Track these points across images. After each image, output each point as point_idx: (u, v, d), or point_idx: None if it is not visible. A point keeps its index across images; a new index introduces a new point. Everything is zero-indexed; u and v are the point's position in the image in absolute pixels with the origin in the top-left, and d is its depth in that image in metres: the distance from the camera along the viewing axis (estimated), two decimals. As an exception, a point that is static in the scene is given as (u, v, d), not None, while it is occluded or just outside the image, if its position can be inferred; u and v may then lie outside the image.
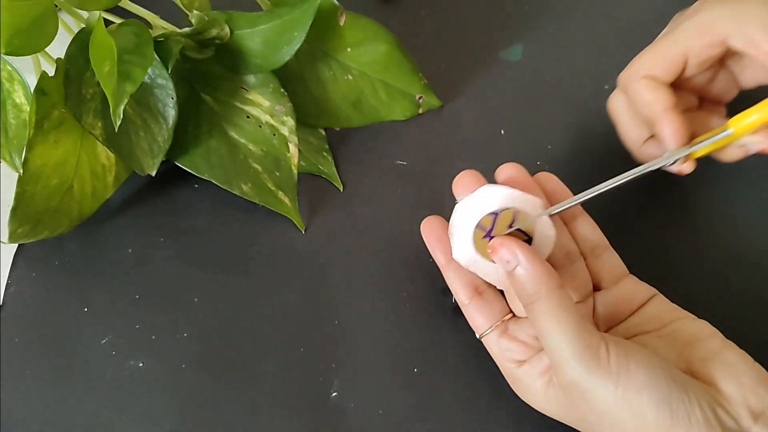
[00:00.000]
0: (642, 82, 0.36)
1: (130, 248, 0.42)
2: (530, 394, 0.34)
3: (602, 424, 0.30)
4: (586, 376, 0.29)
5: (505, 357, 0.35)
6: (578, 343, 0.30)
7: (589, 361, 0.29)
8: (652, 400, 0.29)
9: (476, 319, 0.36)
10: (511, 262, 0.31)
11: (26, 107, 0.39)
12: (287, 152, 0.42)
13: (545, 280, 0.31)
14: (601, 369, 0.29)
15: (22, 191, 0.38)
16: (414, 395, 0.38)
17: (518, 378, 0.34)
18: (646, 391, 0.29)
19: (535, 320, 0.31)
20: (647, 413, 0.29)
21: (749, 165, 0.38)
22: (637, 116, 0.38)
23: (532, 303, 0.31)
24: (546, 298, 0.31)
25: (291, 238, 0.42)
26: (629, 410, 0.29)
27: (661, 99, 0.35)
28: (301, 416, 0.37)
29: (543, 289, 0.31)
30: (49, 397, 0.38)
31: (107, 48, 0.35)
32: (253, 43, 0.40)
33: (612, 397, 0.29)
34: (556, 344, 0.30)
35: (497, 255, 0.32)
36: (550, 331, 0.30)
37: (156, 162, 0.40)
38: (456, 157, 0.45)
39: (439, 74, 0.47)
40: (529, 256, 0.31)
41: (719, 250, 0.41)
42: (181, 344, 0.39)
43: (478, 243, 0.33)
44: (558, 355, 0.30)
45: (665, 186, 0.43)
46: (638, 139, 0.39)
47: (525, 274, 0.31)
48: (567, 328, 0.30)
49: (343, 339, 0.39)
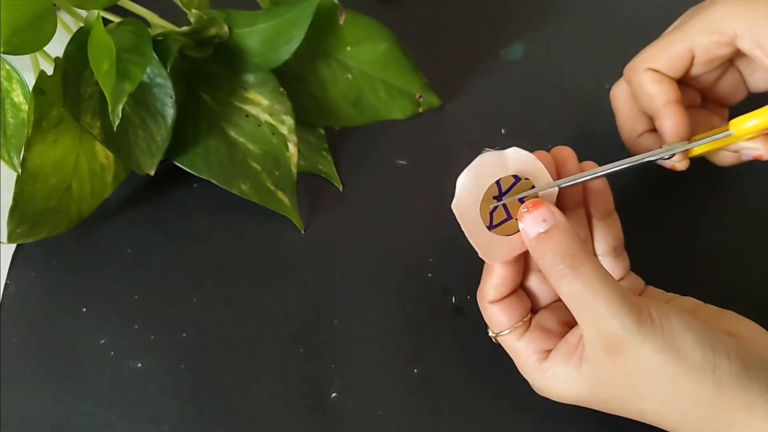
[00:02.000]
0: (646, 75, 0.35)
1: (129, 248, 0.42)
2: (556, 383, 0.33)
3: (637, 387, 0.30)
4: (636, 330, 0.29)
5: (532, 350, 0.33)
6: (625, 301, 0.29)
7: (637, 315, 0.29)
8: (695, 341, 0.29)
9: (498, 317, 0.34)
10: (549, 220, 0.31)
11: (25, 106, 0.39)
12: (286, 151, 0.42)
13: (582, 243, 0.30)
14: (648, 322, 0.29)
15: (21, 191, 0.37)
16: (414, 395, 0.38)
17: (543, 370, 0.33)
18: (689, 333, 0.29)
19: (574, 285, 0.30)
20: (692, 354, 0.29)
21: (750, 167, 0.38)
22: (636, 108, 0.38)
23: (575, 267, 0.30)
24: (590, 260, 0.30)
25: (290, 238, 0.42)
26: (676, 356, 0.29)
27: (664, 92, 0.35)
28: (301, 416, 0.37)
29: (583, 252, 0.30)
30: (48, 397, 0.38)
31: (106, 47, 0.35)
32: (253, 42, 0.40)
33: (660, 347, 0.29)
34: (602, 306, 0.29)
35: (533, 213, 0.31)
36: (596, 294, 0.29)
37: (155, 161, 0.40)
38: (456, 157, 0.44)
39: (439, 73, 0.47)
40: (565, 217, 0.31)
41: (717, 249, 0.41)
42: (180, 344, 0.39)
43: (484, 201, 0.33)
44: (604, 318, 0.29)
45: (656, 186, 0.43)
46: (634, 131, 0.38)
47: (563, 234, 0.30)
48: (613, 288, 0.29)
49: (343, 339, 0.39)
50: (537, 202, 0.31)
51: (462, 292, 0.40)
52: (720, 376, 0.29)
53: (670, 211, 0.42)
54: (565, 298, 0.31)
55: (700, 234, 0.42)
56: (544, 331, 0.34)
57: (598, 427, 0.35)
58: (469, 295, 0.40)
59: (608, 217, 0.35)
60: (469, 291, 0.40)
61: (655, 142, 0.38)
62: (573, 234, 0.31)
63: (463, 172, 0.33)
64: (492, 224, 0.33)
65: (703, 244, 0.41)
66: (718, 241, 0.41)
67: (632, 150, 0.39)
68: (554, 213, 0.31)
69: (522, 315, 0.34)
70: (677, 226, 0.42)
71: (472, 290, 0.40)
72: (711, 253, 0.41)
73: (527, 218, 0.31)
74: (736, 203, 0.42)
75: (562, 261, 0.30)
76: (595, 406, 0.33)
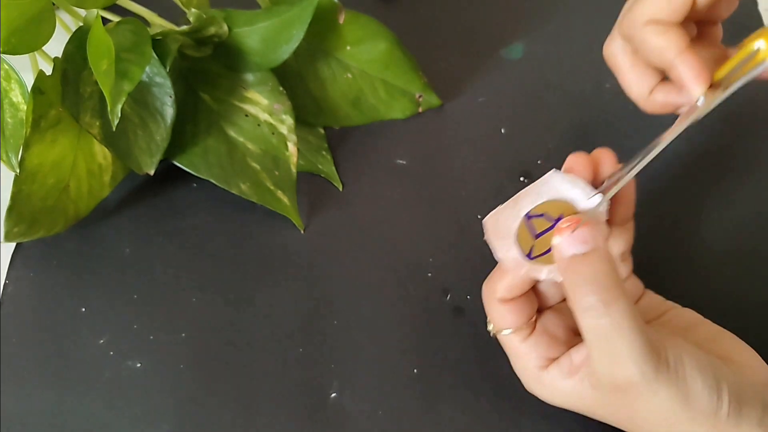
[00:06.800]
0: (648, 28, 0.32)
1: (128, 248, 0.42)
2: (552, 392, 0.32)
3: (635, 420, 0.30)
4: (653, 378, 0.28)
5: (534, 355, 0.33)
6: (648, 346, 0.28)
7: (656, 362, 0.28)
8: (704, 384, 0.29)
9: (505, 317, 0.33)
10: (589, 243, 0.29)
11: (23, 106, 0.39)
12: (286, 151, 0.42)
13: (618, 276, 0.29)
14: (665, 368, 0.29)
15: (19, 190, 0.37)
16: (414, 395, 0.37)
17: (542, 377, 0.32)
18: (700, 377, 0.29)
19: (602, 320, 0.28)
20: (700, 400, 0.29)
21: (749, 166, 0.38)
22: (640, 63, 0.35)
23: (608, 303, 0.28)
24: (624, 298, 0.29)
25: (290, 238, 0.42)
26: (685, 403, 0.29)
27: (673, 42, 0.32)
28: (301, 416, 0.37)
29: (618, 287, 0.29)
30: (47, 397, 0.38)
31: (105, 46, 0.35)
32: (252, 41, 0.40)
33: (673, 394, 0.29)
34: (625, 349, 0.28)
35: (575, 232, 0.29)
36: (622, 335, 0.28)
37: (154, 161, 0.40)
38: (456, 156, 0.45)
39: (439, 73, 0.47)
40: (607, 246, 0.29)
41: (714, 247, 0.41)
42: (179, 344, 0.39)
43: (522, 233, 0.31)
44: (624, 360, 0.28)
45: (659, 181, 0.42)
46: (645, 88, 0.35)
47: (602, 263, 0.29)
48: (640, 331, 0.28)
49: (343, 339, 0.39)
50: (581, 222, 0.30)
51: (462, 292, 0.40)
52: (719, 418, 0.29)
53: (670, 211, 0.42)
54: (587, 330, 0.29)
55: (700, 234, 0.42)
56: (550, 338, 0.33)
57: (598, 427, 0.35)
58: (469, 295, 0.40)
59: (626, 223, 0.34)
60: (469, 291, 0.40)
61: (671, 93, 0.35)
62: (612, 265, 0.29)
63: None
64: (531, 255, 0.32)
65: (704, 243, 0.41)
66: (719, 241, 0.41)
67: (647, 109, 0.36)
68: (597, 238, 0.30)
69: (529, 316, 0.33)
70: (677, 226, 0.42)
71: (472, 290, 0.40)
72: (711, 253, 0.41)
73: (566, 236, 0.30)
74: (737, 203, 0.42)
75: (594, 292, 0.29)
76: (587, 415, 0.33)
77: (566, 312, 0.34)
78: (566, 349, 0.33)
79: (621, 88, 0.36)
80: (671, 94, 0.34)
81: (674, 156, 0.44)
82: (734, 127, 0.45)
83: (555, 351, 0.33)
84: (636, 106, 0.36)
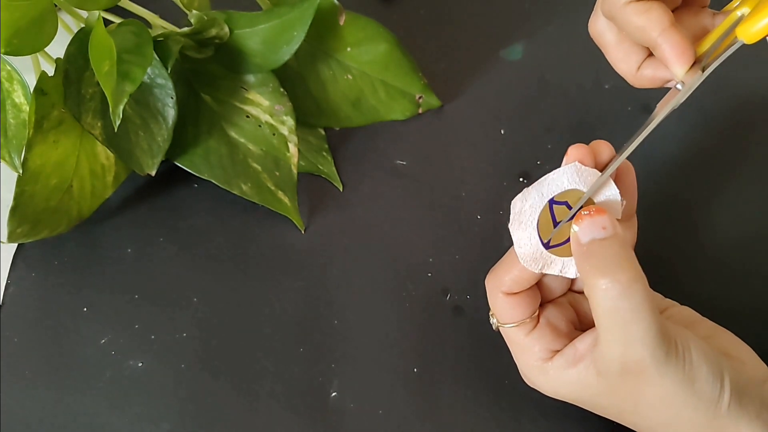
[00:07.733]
0: (629, 8, 0.32)
1: (130, 248, 0.42)
2: (555, 383, 0.33)
3: (639, 406, 0.30)
4: (663, 361, 0.29)
5: (538, 348, 0.33)
6: (661, 330, 0.29)
7: (667, 346, 0.29)
8: (709, 372, 0.29)
9: (509, 310, 0.33)
10: (608, 229, 0.30)
11: (26, 107, 0.39)
12: (287, 152, 0.42)
13: (636, 262, 0.29)
14: (674, 353, 0.29)
15: (21, 191, 0.38)
16: (414, 395, 0.38)
17: (545, 369, 0.33)
18: (705, 365, 0.29)
19: (620, 303, 0.28)
20: (705, 387, 0.29)
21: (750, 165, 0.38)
22: (626, 40, 0.35)
23: (627, 284, 0.28)
24: (642, 281, 0.29)
25: (291, 238, 0.42)
26: (690, 389, 0.29)
27: (655, 20, 0.31)
28: (301, 416, 0.37)
29: (637, 270, 0.29)
30: (49, 397, 0.38)
31: (107, 48, 0.35)
32: (253, 43, 0.40)
33: (680, 379, 0.29)
34: (640, 332, 0.28)
35: (595, 218, 0.30)
36: (639, 318, 0.28)
37: (156, 162, 0.40)
38: (456, 157, 0.45)
39: (439, 74, 0.47)
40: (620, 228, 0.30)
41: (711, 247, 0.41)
42: (180, 344, 0.39)
43: (544, 219, 0.32)
44: (636, 343, 0.29)
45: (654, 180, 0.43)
46: (632, 64, 0.35)
47: (622, 247, 0.29)
48: (656, 315, 0.29)
49: (343, 339, 0.39)
50: (600, 210, 0.30)
51: (462, 292, 0.40)
52: (720, 408, 0.29)
53: (669, 211, 0.42)
54: (602, 312, 0.29)
55: (700, 233, 0.42)
56: (554, 330, 0.33)
57: (598, 424, 0.35)
58: (469, 295, 0.40)
59: (629, 219, 0.35)
60: (468, 291, 0.40)
61: (659, 68, 0.34)
62: (630, 250, 0.30)
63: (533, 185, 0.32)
64: (549, 243, 0.32)
65: (703, 244, 0.41)
66: (718, 242, 0.41)
67: (636, 84, 0.36)
68: (615, 224, 0.30)
69: (533, 310, 0.33)
70: (677, 226, 0.42)
71: (472, 290, 0.40)
72: (711, 253, 0.41)
73: (586, 222, 0.30)
74: (736, 204, 0.43)
75: (614, 273, 0.29)
76: (588, 407, 0.33)
77: (565, 305, 0.35)
78: (569, 341, 0.33)
79: (621, 88, 0.36)
80: (659, 69, 0.34)
81: (674, 156, 0.44)
82: (734, 128, 0.45)
83: (558, 343, 0.33)
84: (636, 106, 0.36)
